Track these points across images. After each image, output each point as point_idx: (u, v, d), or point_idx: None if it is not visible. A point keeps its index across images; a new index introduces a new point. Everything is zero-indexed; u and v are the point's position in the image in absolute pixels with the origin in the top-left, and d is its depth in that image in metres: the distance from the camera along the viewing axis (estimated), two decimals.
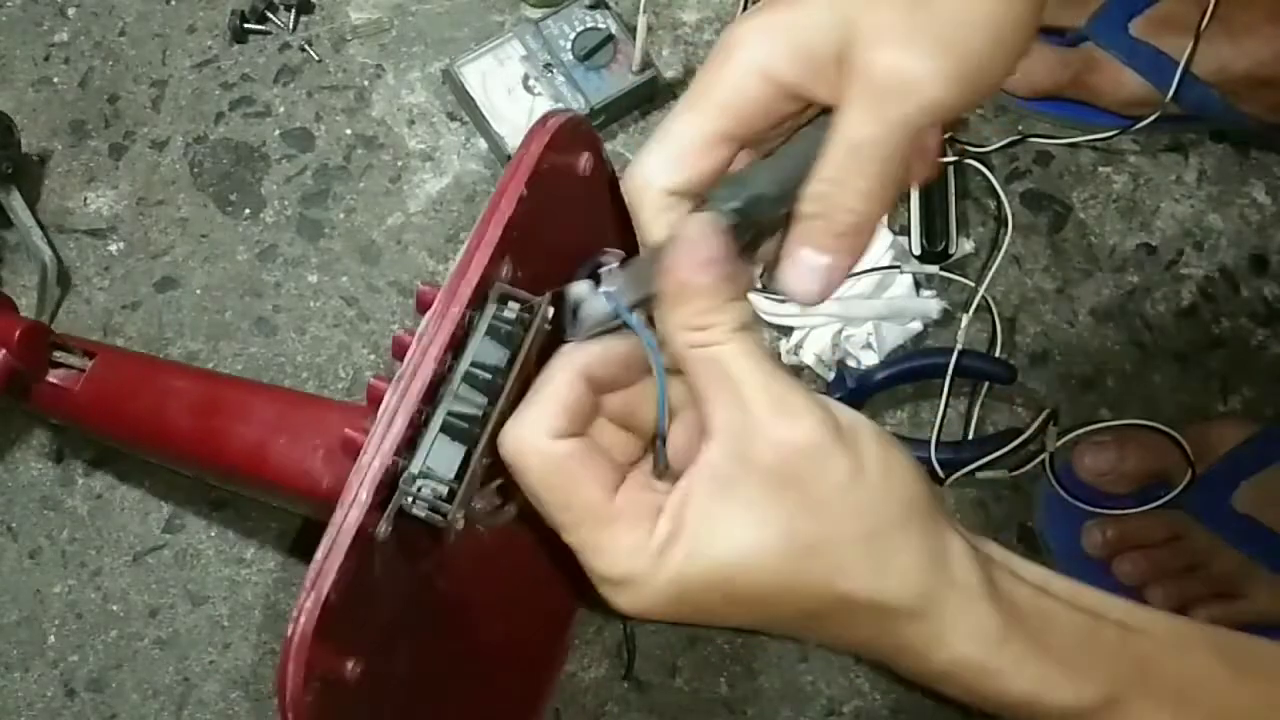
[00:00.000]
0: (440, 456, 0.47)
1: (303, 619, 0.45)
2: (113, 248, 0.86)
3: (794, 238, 0.43)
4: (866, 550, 0.39)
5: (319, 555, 0.45)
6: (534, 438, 0.42)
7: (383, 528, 0.46)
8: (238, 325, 0.85)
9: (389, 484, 0.46)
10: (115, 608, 0.79)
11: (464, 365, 0.47)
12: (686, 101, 0.43)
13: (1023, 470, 0.80)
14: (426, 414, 0.47)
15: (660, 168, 0.44)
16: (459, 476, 0.46)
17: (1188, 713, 0.42)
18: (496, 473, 0.48)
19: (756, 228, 0.43)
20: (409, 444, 0.46)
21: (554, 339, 0.47)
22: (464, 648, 0.65)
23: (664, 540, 0.40)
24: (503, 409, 0.47)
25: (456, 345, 0.47)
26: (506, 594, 0.67)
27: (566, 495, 0.41)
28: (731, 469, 0.40)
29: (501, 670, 0.71)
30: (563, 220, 0.52)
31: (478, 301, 0.48)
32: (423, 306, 0.50)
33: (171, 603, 0.79)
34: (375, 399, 0.50)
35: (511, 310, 0.48)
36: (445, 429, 0.47)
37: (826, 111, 0.42)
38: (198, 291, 0.85)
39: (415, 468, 0.46)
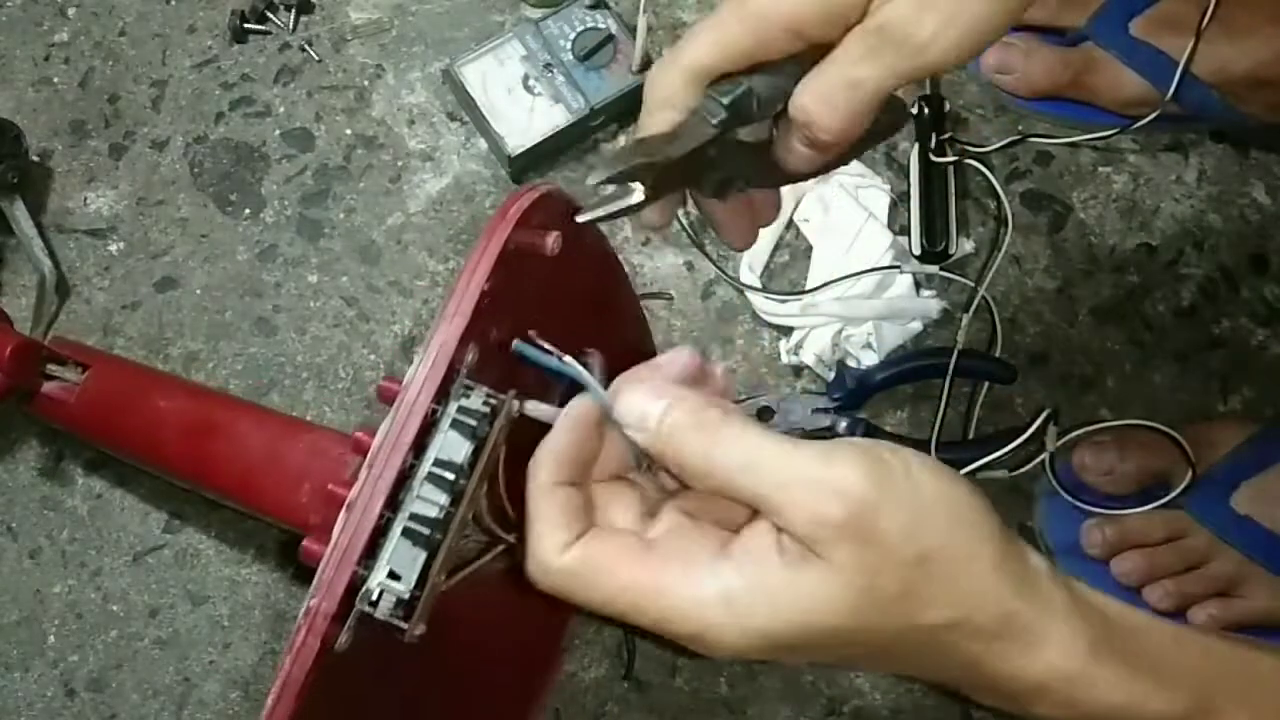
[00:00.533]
0: (402, 561, 0.46)
1: None
2: (113, 248, 0.86)
3: (789, 129, 0.47)
4: (944, 578, 0.40)
5: (273, 692, 0.45)
6: (549, 562, 0.43)
7: (343, 639, 0.46)
8: (238, 325, 0.85)
9: (349, 594, 0.46)
10: (115, 608, 0.79)
11: (427, 464, 0.47)
12: (729, 9, 0.46)
13: (1023, 470, 0.80)
14: (388, 518, 0.47)
15: (705, 48, 0.46)
16: (420, 583, 0.46)
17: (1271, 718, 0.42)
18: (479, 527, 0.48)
19: (742, 121, 0.47)
20: (370, 551, 0.46)
21: (522, 427, 0.47)
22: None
23: (733, 592, 0.40)
24: (466, 507, 0.47)
25: (420, 444, 0.47)
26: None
27: (604, 589, 0.42)
28: (799, 532, 0.40)
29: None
30: (534, 292, 0.52)
31: (442, 395, 0.47)
32: (385, 400, 0.50)
33: (171, 603, 0.79)
34: (362, 450, 0.50)
35: (477, 401, 0.48)
36: (407, 534, 0.46)
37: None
38: (198, 291, 0.85)
39: (374, 581, 0.46)
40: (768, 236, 0.86)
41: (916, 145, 0.87)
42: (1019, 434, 0.79)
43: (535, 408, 0.48)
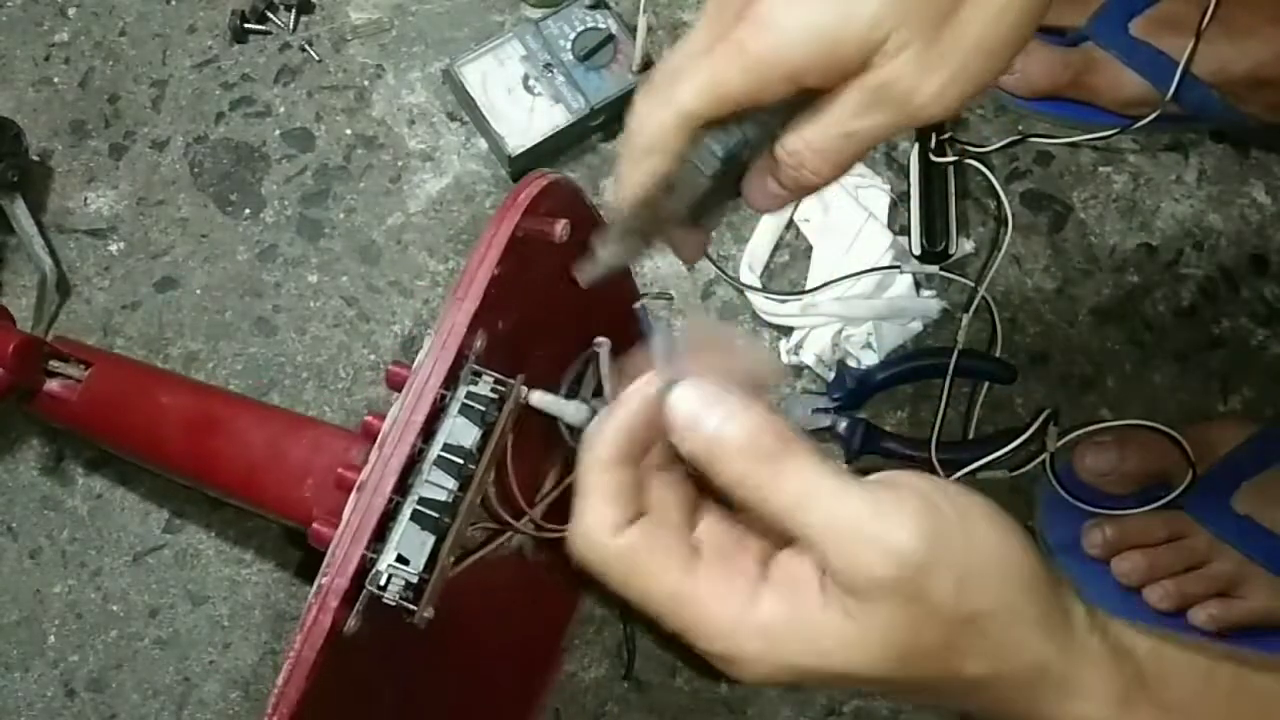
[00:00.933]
0: (410, 545, 0.46)
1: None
2: (113, 248, 0.86)
3: (766, 168, 0.47)
4: (988, 635, 0.39)
5: (283, 672, 0.45)
6: (596, 540, 0.41)
7: (352, 622, 0.46)
8: (238, 325, 0.85)
9: (359, 576, 0.46)
10: (115, 608, 0.79)
11: (436, 448, 0.47)
12: (727, 56, 0.44)
13: (1023, 470, 0.80)
14: (397, 502, 0.47)
15: (699, 94, 0.45)
16: (429, 566, 0.46)
17: None
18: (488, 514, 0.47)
19: (739, 169, 0.47)
20: (379, 534, 0.46)
21: (528, 417, 0.47)
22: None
23: (774, 625, 0.39)
24: (474, 492, 0.47)
25: (429, 429, 0.47)
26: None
27: (645, 586, 0.40)
28: (845, 581, 0.39)
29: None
30: (542, 278, 0.52)
31: (451, 380, 0.48)
32: (394, 385, 0.50)
33: (171, 603, 0.79)
34: (372, 433, 0.50)
35: (485, 387, 0.48)
36: (416, 518, 0.46)
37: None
38: (198, 291, 0.85)
39: (384, 563, 0.46)
40: (768, 236, 0.86)
41: (916, 145, 0.87)
42: (1019, 434, 0.79)
43: (541, 398, 0.48)
